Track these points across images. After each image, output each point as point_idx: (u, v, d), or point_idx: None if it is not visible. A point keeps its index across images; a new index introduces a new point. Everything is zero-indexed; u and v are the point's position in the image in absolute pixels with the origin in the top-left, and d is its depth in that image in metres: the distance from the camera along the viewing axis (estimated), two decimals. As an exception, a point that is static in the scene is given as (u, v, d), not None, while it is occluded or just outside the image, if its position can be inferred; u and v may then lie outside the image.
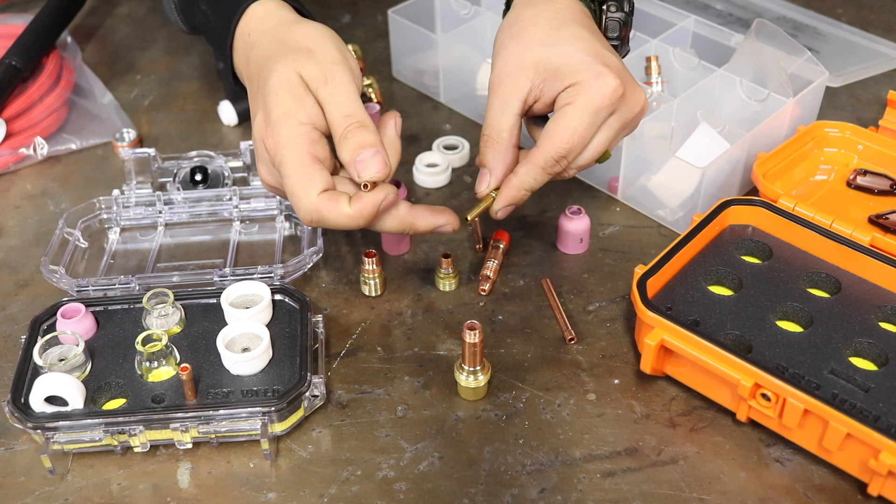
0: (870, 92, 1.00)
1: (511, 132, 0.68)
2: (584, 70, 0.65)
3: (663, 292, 0.71)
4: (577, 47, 0.66)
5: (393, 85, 1.04)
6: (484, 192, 0.70)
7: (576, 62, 0.66)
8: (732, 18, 1.11)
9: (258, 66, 0.69)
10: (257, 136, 0.66)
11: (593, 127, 0.66)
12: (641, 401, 0.68)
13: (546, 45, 0.67)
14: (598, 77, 0.65)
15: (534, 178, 0.68)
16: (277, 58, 0.66)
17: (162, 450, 0.66)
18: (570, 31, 0.68)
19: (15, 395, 0.65)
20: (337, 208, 0.63)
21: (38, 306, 0.76)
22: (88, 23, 1.18)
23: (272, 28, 0.71)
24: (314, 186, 0.63)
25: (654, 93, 0.89)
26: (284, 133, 0.63)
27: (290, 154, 0.63)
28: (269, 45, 0.69)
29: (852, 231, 0.74)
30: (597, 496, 0.62)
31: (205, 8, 0.78)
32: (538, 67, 0.67)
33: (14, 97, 0.94)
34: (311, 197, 0.63)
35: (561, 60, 0.66)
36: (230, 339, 0.68)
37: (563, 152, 0.66)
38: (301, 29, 0.69)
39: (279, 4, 0.73)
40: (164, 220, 0.84)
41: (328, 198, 0.63)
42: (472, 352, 0.66)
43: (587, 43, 0.67)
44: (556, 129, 0.66)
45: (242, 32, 0.73)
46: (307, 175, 0.63)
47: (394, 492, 0.62)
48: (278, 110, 0.64)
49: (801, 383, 0.63)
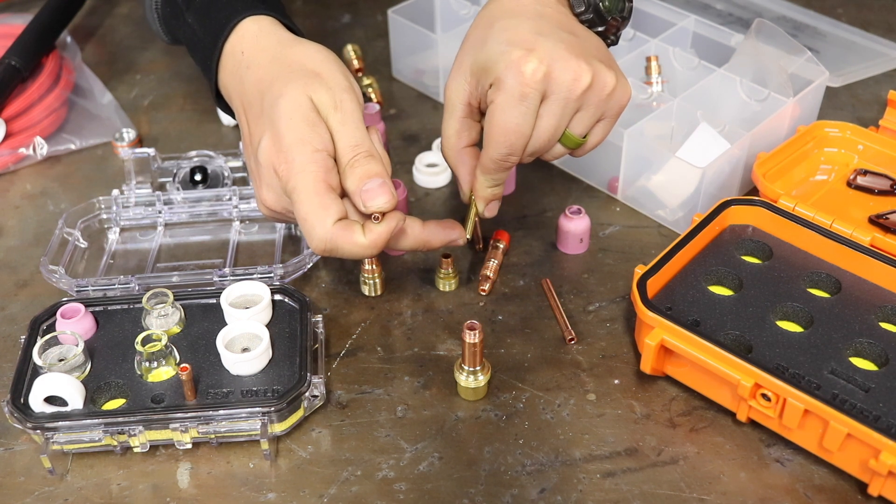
0: (870, 92, 1.00)
1: (458, 136, 0.69)
2: (501, 61, 0.63)
3: (663, 292, 0.71)
4: (500, 39, 0.64)
5: (393, 85, 1.04)
6: (465, 196, 0.71)
7: (496, 55, 0.64)
8: (732, 18, 1.11)
9: (260, 88, 0.67)
10: (265, 161, 0.64)
11: (526, 116, 0.64)
12: (641, 401, 0.68)
13: (476, 44, 0.66)
14: (514, 65, 0.62)
15: (489, 181, 0.69)
16: (285, 80, 0.65)
17: (161, 450, 0.66)
18: (500, 24, 0.65)
19: (14, 396, 0.65)
20: (351, 238, 0.63)
21: (37, 306, 0.76)
22: (88, 23, 1.18)
23: (270, 47, 0.69)
24: (329, 216, 0.62)
25: (654, 93, 0.89)
26: (299, 160, 0.62)
27: (305, 182, 0.62)
28: (269, 65, 0.67)
29: (852, 231, 0.74)
30: (597, 496, 0.62)
31: (191, 21, 0.75)
32: (472, 69, 0.66)
33: (14, 97, 0.94)
34: (325, 226, 0.62)
35: (486, 57, 0.65)
36: (230, 339, 0.68)
37: (504, 150, 0.65)
38: (304, 50, 0.68)
39: (273, 22, 0.71)
40: (163, 220, 0.84)
41: (343, 227, 0.62)
42: (472, 352, 0.66)
43: (513, 32, 0.64)
44: (489, 129, 0.65)
45: (234, 50, 0.70)
46: (322, 204, 0.62)
47: (394, 492, 0.62)
48: (292, 136, 0.63)
49: (802, 383, 0.63)
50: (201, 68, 0.76)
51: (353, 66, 1.05)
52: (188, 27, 0.76)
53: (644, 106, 0.89)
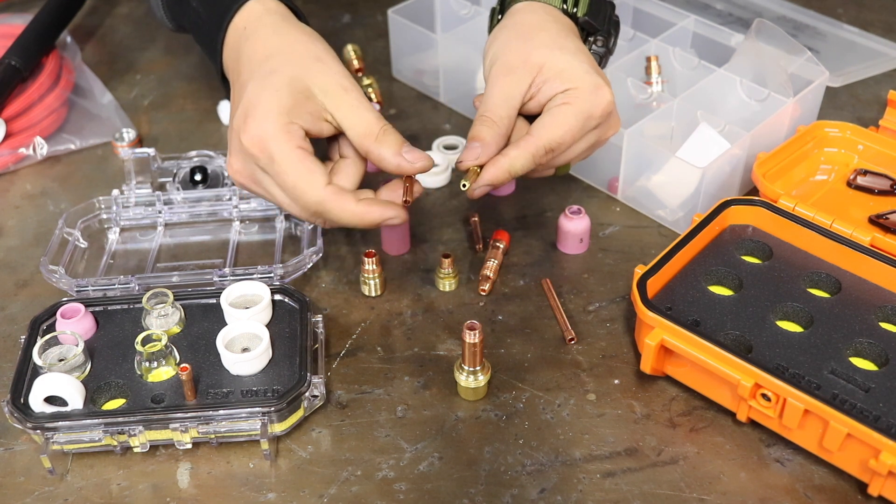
0: (870, 92, 1.00)
1: (510, 121, 0.70)
2: (585, 79, 0.68)
3: (663, 292, 0.71)
4: (580, 59, 0.70)
5: (393, 85, 1.04)
6: (471, 163, 0.69)
7: (579, 70, 0.69)
8: (732, 18, 1.11)
9: (255, 58, 0.68)
10: (237, 126, 0.65)
11: (582, 131, 0.69)
12: (641, 401, 0.68)
13: (554, 49, 0.69)
14: (598, 88, 0.68)
15: (522, 163, 0.69)
16: (284, 59, 0.66)
17: (161, 450, 0.66)
18: (574, 43, 0.71)
19: (14, 396, 0.65)
20: (342, 204, 0.63)
21: (37, 306, 0.76)
22: (88, 23, 1.18)
23: (273, 23, 0.70)
24: (318, 179, 0.63)
25: (654, 93, 0.89)
26: (273, 128, 0.63)
27: (284, 149, 0.63)
28: (269, 38, 0.69)
29: (852, 231, 0.74)
30: (597, 496, 0.62)
31: (195, 5, 0.77)
32: (543, 68, 0.69)
33: (14, 97, 0.94)
34: (316, 190, 0.63)
35: (566, 65, 0.69)
36: (230, 339, 0.68)
37: (553, 144, 0.68)
38: (307, 36, 0.69)
39: (278, 4, 0.73)
40: (163, 220, 0.84)
41: (335, 192, 0.63)
42: (472, 352, 0.66)
43: (588, 57, 0.71)
44: (553, 122, 0.68)
45: (237, 27, 0.72)
46: (308, 168, 0.63)
47: (394, 492, 0.62)
48: (272, 105, 0.64)
49: (802, 383, 0.63)
50: (206, 52, 0.77)
51: (353, 66, 1.05)
52: (193, 11, 0.77)
53: (644, 106, 0.89)
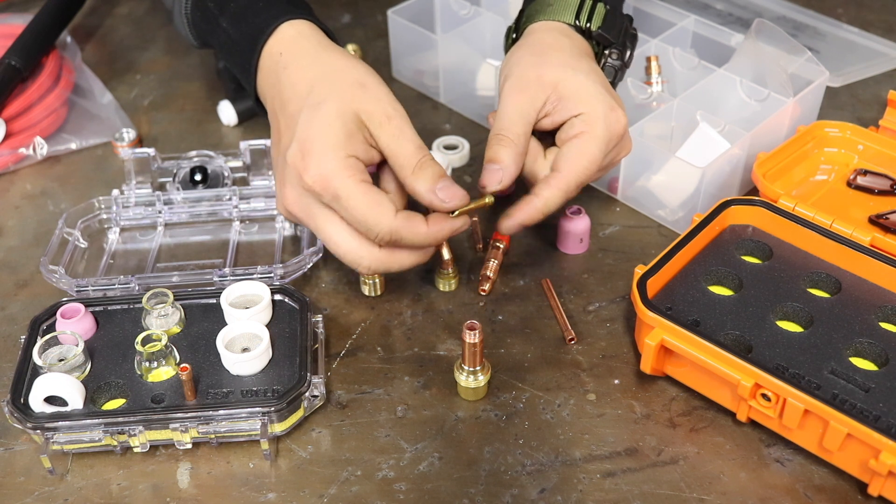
0: (870, 92, 1.00)
1: (526, 139, 0.70)
2: (599, 101, 0.69)
3: (663, 292, 0.71)
4: (594, 80, 0.70)
5: (393, 85, 1.04)
6: (496, 188, 0.69)
7: (593, 92, 0.69)
8: (732, 18, 1.11)
9: (297, 89, 0.67)
10: (293, 162, 0.64)
11: (605, 157, 0.69)
12: (641, 401, 0.68)
13: (568, 69, 0.70)
14: (612, 111, 0.69)
15: (556, 202, 0.69)
16: (329, 87, 0.65)
17: (161, 450, 0.66)
18: (588, 64, 0.72)
19: (14, 396, 0.65)
20: (415, 227, 0.64)
21: (37, 306, 0.76)
22: (88, 23, 1.18)
23: (310, 49, 0.69)
24: (389, 209, 0.63)
25: (654, 93, 0.89)
26: (334, 165, 0.63)
27: (348, 184, 0.63)
28: (309, 67, 0.68)
29: (852, 231, 0.74)
30: (597, 496, 0.62)
31: (225, 25, 0.75)
32: (557, 87, 0.69)
33: (14, 97, 0.94)
34: (388, 219, 0.63)
35: (579, 86, 0.69)
36: (230, 339, 0.68)
37: (584, 178, 0.69)
38: (346, 60, 0.68)
39: (311, 26, 0.71)
40: (163, 220, 0.84)
41: (405, 218, 0.64)
42: (472, 352, 0.66)
43: (601, 78, 0.71)
44: (579, 156, 0.68)
45: (272, 52, 0.71)
46: (376, 200, 0.63)
47: (394, 492, 0.62)
48: (328, 141, 0.63)
49: (802, 383, 0.63)
50: (237, 72, 0.76)
51: (353, 66, 1.05)
52: (222, 31, 0.76)
53: (644, 106, 0.89)
